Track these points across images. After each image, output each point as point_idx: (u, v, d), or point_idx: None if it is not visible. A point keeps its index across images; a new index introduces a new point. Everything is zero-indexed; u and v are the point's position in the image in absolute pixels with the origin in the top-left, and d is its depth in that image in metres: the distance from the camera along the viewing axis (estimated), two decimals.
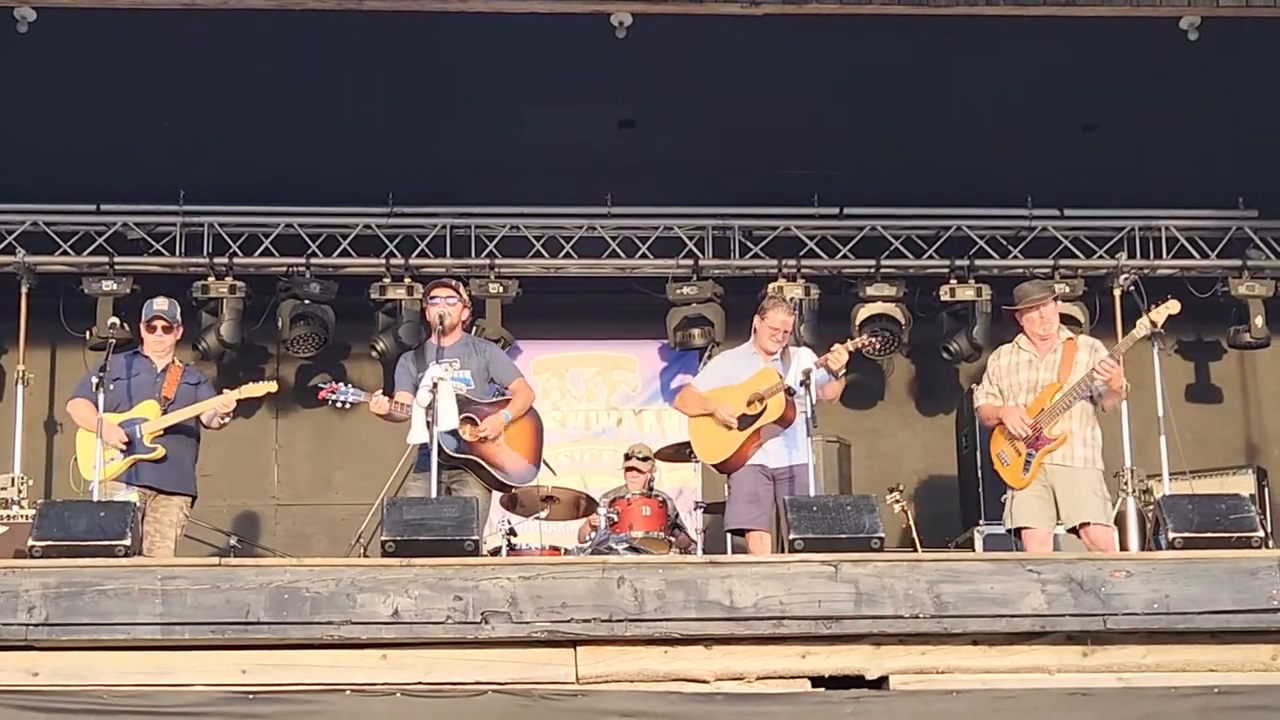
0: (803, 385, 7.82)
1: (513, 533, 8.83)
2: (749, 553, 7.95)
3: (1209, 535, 6.45)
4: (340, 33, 9.39)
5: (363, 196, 11.65)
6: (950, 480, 11.62)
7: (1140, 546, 9.09)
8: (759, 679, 6.04)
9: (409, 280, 11.58)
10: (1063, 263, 11.84)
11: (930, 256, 11.93)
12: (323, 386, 8.20)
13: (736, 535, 8.29)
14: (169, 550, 7.84)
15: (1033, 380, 7.79)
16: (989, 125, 10.42)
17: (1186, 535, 6.47)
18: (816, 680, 6.06)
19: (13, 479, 10.34)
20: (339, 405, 8.17)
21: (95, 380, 7.76)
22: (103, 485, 7.67)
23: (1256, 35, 9.26)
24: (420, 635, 5.98)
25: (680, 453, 9.58)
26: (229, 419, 8.24)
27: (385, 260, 11.73)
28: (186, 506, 8.10)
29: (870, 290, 11.74)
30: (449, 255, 11.79)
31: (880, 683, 6.07)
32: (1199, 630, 6.13)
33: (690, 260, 11.84)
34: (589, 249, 11.88)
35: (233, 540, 10.51)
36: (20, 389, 11.24)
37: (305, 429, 12.09)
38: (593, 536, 9.22)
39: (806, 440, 7.82)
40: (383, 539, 6.37)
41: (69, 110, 10.07)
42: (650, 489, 9.84)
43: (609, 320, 12.24)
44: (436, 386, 7.60)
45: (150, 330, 8.22)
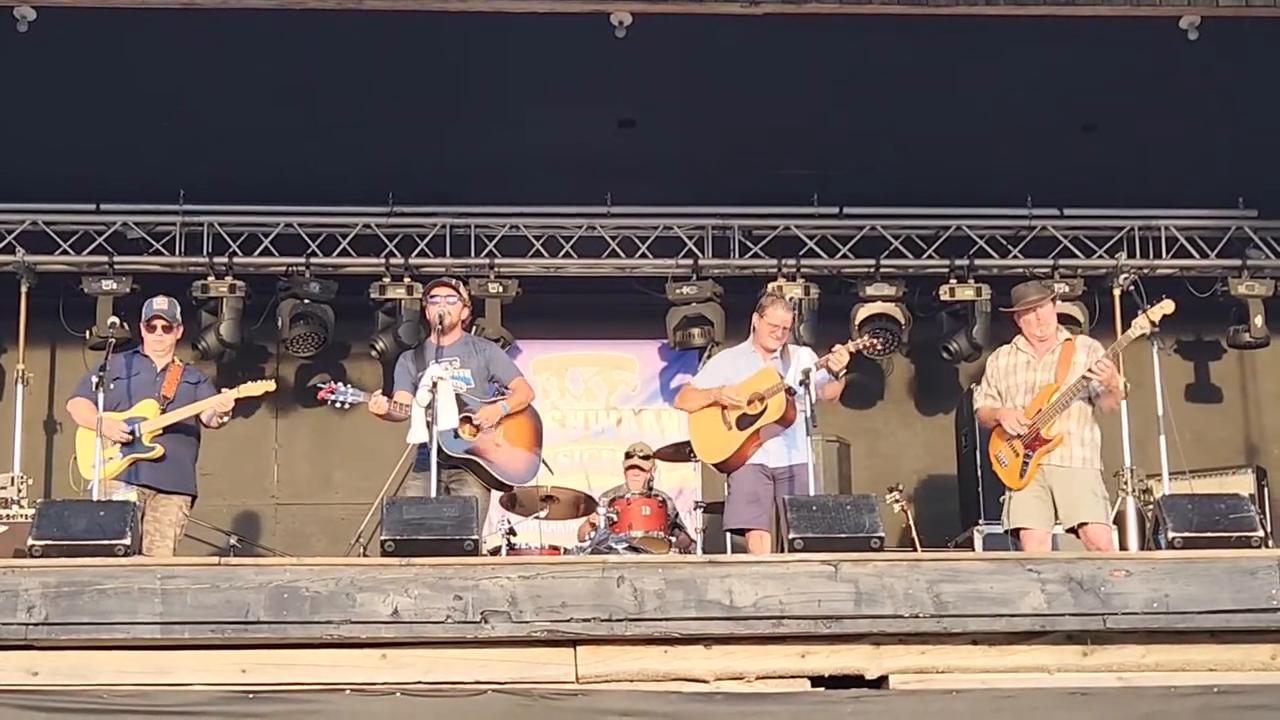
0: (802, 385, 7.82)
1: (512, 532, 8.83)
2: (749, 552, 7.94)
3: (1208, 535, 6.45)
4: (340, 33, 9.39)
5: (363, 196, 11.65)
6: (950, 480, 11.62)
7: (1140, 546, 9.08)
8: (759, 679, 6.04)
9: (409, 280, 11.58)
10: (1062, 262, 11.84)
11: (930, 256, 11.92)
12: (322, 386, 8.20)
13: (736, 535, 8.29)
14: (169, 550, 7.84)
15: (1030, 381, 7.77)
16: (989, 125, 10.41)
17: (1186, 535, 6.47)
18: (816, 680, 6.06)
19: (12, 478, 10.32)
20: (338, 405, 8.17)
21: (95, 379, 7.77)
22: (102, 484, 7.66)
23: (1256, 35, 9.26)
24: (420, 635, 5.98)
25: (680, 452, 9.59)
26: (228, 418, 8.24)
27: (385, 260, 11.73)
28: (186, 506, 8.10)
29: (870, 290, 11.73)
30: (449, 255, 11.78)
31: (880, 682, 6.07)
32: (1198, 630, 6.13)
33: (690, 260, 11.84)
34: (589, 249, 11.88)
35: (232, 540, 10.49)
36: (20, 388, 11.23)
37: (305, 428, 12.09)
38: (592, 536, 9.22)
39: (806, 440, 7.81)
40: (382, 538, 6.36)
41: (69, 110, 10.07)
42: (650, 488, 9.85)
43: (609, 320, 12.23)
44: (436, 386, 7.60)
45: (150, 330, 8.21)
